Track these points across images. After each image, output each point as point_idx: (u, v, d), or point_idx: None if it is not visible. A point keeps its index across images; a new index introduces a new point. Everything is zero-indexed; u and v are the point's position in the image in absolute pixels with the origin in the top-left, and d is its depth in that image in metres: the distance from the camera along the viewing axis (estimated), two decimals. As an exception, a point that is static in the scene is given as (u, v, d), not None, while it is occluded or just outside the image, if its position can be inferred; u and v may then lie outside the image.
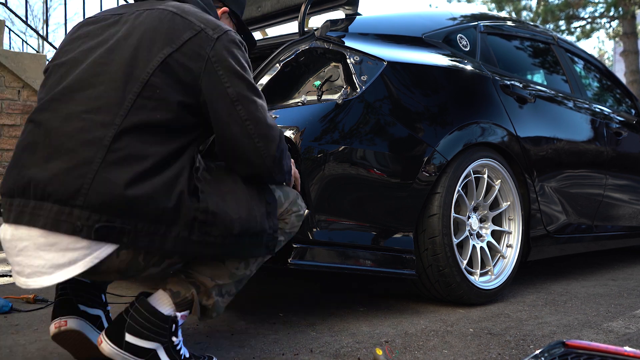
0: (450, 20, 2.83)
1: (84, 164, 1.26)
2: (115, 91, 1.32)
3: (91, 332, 1.53)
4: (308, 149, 1.92)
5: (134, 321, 1.38)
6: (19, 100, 4.86)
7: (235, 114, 1.39)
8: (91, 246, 1.26)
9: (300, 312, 2.23)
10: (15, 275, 1.34)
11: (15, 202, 1.32)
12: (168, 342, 1.41)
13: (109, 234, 1.25)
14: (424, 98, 2.31)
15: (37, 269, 1.28)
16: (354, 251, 2.05)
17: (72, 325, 1.49)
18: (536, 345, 1.82)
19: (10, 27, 8.13)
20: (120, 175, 1.26)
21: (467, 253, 2.37)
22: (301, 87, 2.18)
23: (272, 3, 2.53)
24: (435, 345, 1.82)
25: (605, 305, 2.43)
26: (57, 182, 1.26)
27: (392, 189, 2.12)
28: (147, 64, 1.34)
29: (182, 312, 1.45)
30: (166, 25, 1.39)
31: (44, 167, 1.29)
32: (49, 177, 1.27)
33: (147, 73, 1.34)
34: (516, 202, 2.56)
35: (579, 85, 3.46)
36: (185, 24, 1.40)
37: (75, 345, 1.54)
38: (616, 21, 13.95)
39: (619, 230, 3.39)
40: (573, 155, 2.97)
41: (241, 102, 1.39)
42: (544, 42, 3.45)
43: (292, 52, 2.12)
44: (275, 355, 1.71)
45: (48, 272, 1.28)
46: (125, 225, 1.26)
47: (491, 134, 2.46)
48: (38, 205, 1.28)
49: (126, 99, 1.32)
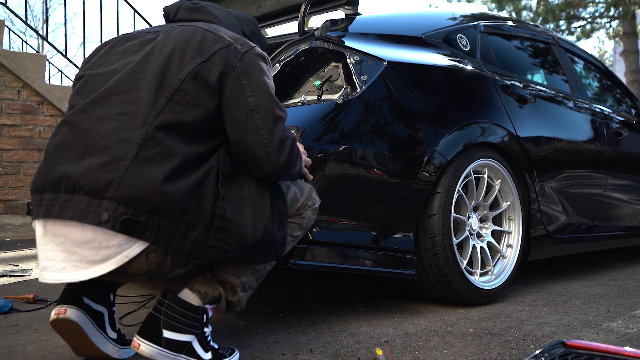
0: (450, 20, 2.82)
1: (117, 160, 1.34)
2: (148, 95, 1.41)
3: (89, 327, 1.53)
4: (308, 149, 1.92)
5: (168, 317, 1.43)
6: (18, 100, 4.85)
7: (252, 122, 1.45)
8: (121, 245, 1.32)
9: (300, 312, 2.23)
10: (43, 272, 1.38)
11: (45, 197, 1.38)
12: (201, 333, 1.48)
13: (132, 227, 1.31)
14: (424, 98, 2.31)
15: (73, 264, 1.35)
16: (354, 251, 2.05)
17: (70, 314, 1.50)
18: (536, 345, 1.82)
19: (10, 27, 8.13)
20: (152, 172, 1.33)
21: (467, 253, 2.37)
22: (301, 87, 2.18)
23: (272, 3, 2.53)
24: (435, 345, 1.82)
25: (605, 305, 2.43)
26: (90, 176, 1.33)
27: (392, 189, 2.12)
28: (178, 71, 1.44)
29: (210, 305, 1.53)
30: (198, 38, 1.49)
31: (78, 163, 1.36)
32: (82, 172, 1.34)
33: (178, 80, 1.43)
34: (516, 202, 2.56)
35: (579, 85, 3.45)
36: (216, 38, 1.50)
37: (72, 337, 1.54)
38: (616, 21, 13.95)
39: (619, 230, 3.39)
40: (573, 155, 2.97)
41: (259, 111, 1.46)
42: (544, 42, 3.44)
43: (292, 52, 2.12)
44: (275, 355, 1.71)
45: (84, 267, 1.34)
46: (150, 221, 1.32)
47: (491, 134, 2.46)
48: (69, 198, 1.34)
49: (158, 102, 1.41)
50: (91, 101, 1.44)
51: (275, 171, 1.49)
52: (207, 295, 1.51)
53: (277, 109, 1.49)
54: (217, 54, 1.46)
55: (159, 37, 1.53)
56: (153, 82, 1.42)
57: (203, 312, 1.50)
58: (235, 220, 1.42)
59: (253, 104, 1.45)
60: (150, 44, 1.52)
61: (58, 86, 5.24)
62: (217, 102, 1.45)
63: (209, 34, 1.51)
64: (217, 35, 1.51)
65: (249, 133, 1.45)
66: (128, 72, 1.46)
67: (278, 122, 1.48)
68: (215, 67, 1.44)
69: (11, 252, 3.91)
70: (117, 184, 1.31)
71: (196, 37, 1.49)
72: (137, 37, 1.58)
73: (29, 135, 4.87)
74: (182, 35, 1.51)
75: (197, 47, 1.47)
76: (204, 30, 1.52)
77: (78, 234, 1.33)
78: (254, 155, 1.47)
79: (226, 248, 1.41)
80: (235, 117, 1.46)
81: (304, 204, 1.69)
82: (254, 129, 1.45)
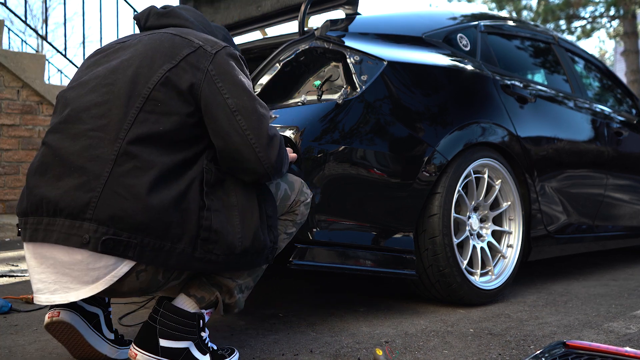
0: (451, 20, 2.82)
1: (93, 179, 1.31)
2: (118, 108, 1.38)
3: (84, 328, 1.53)
4: (308, 149, 1.92)
5: (164, 326, 1.42)
6: (18, 100, 4.85)
7: (235, 124, 1.41)
8: (109, 265, 1.32)
9: (300, 312, 2.23)
10: (36, 294, 1.38)
11: (29, 221, 1.38)
12: (198, 337, 1.48)
13: (114, 246, 1.29)
14: (424, 98, 2.30)
15: (64, 285, 1.34)
16: (354, 251, 2.04)
17: (64, 317, 1.49)
18: (537, 345, 1.81)
19: (10, 27, 8.13)
20: (128, 187, 1.30)
21: (468, 253, 2.37)
22: (301, 87, 2.17)
23: (272, 2, 2.52)
24: (435, 345, 1.81)
25: (605, 305, 2.43)
26: (68, 198, 1.31)
27: (393, 189, 2.12)
28: (147, 80, 1.40)
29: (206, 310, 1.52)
30: (166, 44, 1.46)
31: (55, 185, 1.34)
32: (60, 194, 1.32)
33: (148, 88, 1.39)
34: (517, 202, 2.56)
35: (580, 85, 3.45)
36: (184, 42, 1.47)
37: (68, 339, 1.54)
38: (617, 21, 13.95)
39: (619, 230, 3.39)
40: (574, 155, 2.97)
41: (241, 112, 1.42)
42: (544, 41, 3.44)
43: (292, 52, 2.12)
44: (275, 355, 1.70)
45: (74, 287, 1.34)
46: (132, 239, 1.30)
47: (492, 134, 2.46)
48: (51, 221, 1.33)
49: (129, 113, 1.37)
50: (63, 120, 1.41)
51: (267, 172, 1.46)
52: (203, 300, 1.49)
53: (259, 106, 1.45)
54: (186, 59, 1.42)
55: (127, 47, 1.50)
56: (122, 94, 1.38)
57: (199, 317, 1.48)
58: (223, 231, 1.39)
59: (233, 106, 1.41)
60: (118, 54, 1.49)
61: (58, 86, 5.24)
62: (193, 109, 1.41)
63: (177, 39, 1.47)
64: (185, 39, 1.47)
65: (233, 136, 1.41)
66: (96, 86, 1.43)
67: (262, 120, 1.44)
68: (185, 73, 1.41)
69: (11, 252, 3.91)
70: (95, 204, 1.29)
71: (164, 44, 1.45)
72: (107, 49, 1.56)
73: (28, 135, 4.87)
74: (150, 43, 1.47)
75: (166, 53, 1.43)
76: (172, 35, 1.48)
77: (65, 256, 1.32)
78: (243, 158, 1.43)
79: (214, 259, 1.39)
80: (217, 122, 1.41)
81: (296, 200, 1.67)
82: (239, 131, 1.41)
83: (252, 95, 1.45)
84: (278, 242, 1.58)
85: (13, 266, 3.31)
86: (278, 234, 1.56)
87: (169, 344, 1.42)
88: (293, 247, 1.89)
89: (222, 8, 2.77)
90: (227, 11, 2.75)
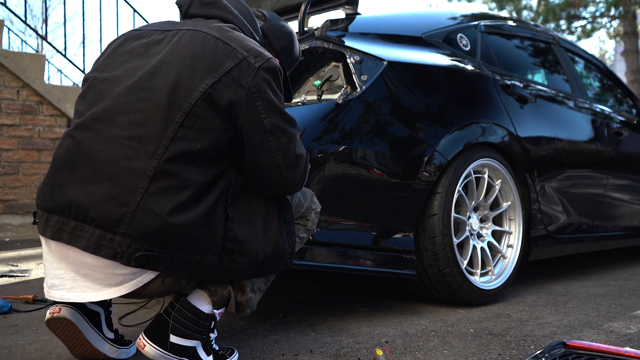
0: (451, 20, 2.82)
1: (127, 193, 1.30)
2: (157, 120, 1.35)
3: (85, 326, 1.53)
4: (308, 149, 1.92)
5: (177, 322, 1.44)
6: (18, 100, 4.85)
7: (267, 144, 1.43)
8: (135, 272, 1.34)
9: (300, 313, 2.22)
10: (51, 290, 1.39)
11: (53, 219, 1.37)
12: (206, 338, 1.49)
13: (147, 261, 1.31)
14: (424, 98, 2.30)
15: (83, 284, 1.35)
16: (354, 251, 2.04)
17: (65, 313, 1.49)
18: (537, 345, 1.81)
19: (10, 27, 8.13)
20: (163, 206, 1.30)
21: (468, 253, 2.36)
22: (301, 87, 2.17)
23: (272, 2, 2.52)
24: (435, 345, 1.81)
25: (606, 305, 2.43)
26: (100, 208, 1.31)
27: (393, 189, 2.12)
28: (189, 93, 1.36)
29: (219, 309, 1.52)
30: (209, 52, 1.40)
31: (85, 189, 1.33)
32: (91, 201, 1.31)
33: (189, 103, 1.36)
34: (517, 202, 2.56)
35: (580, 85, 3.45)
36: (227, 51, 1.41)
37: (68, 336, 1.54)
38: (617, 21, 13.94)
39: (619, 230, 3.39)
40: (574, 155, 2.97)
41: (274, 133, 1.43)
42: (544, 41, 3.44)
43: (292, 52, 2.11)
44: (275, 355, 1.70)
45: (94, 288, 1.35)
46: (163, 254, 1.32)
47: (492, 134, 2.46)
48: (79, 226, 1.33)
49: (168, 128, 1.34)
50: (97, 118, 1.38)
51: (288, 190, 1.51)
52: (216, 293, 1.50)
53: (291, 127, 1.46)
54: (229, 74, 1.38)
55: (167, 42, 1.45)
56: (162, 104, 1.35)
57: (212, 319, 1.50)
58: (246, 241, 1.42)
59: (268, 126, 1.41)
60: (157, 49, 1.44)
61: (57, 86, 5.24)
62: (229, 125, 1.40)
63: (220, 45, 1.41)
64: (229, 46, 1.41)
65: (264, 156, 1.43)
66: (135, 88, 1.39)
67: (292, 140, 1.46)
68: (227, 90, 1.38)
69: (11, 252, 3.91)
70: (129, 220, 1.29)
71: (207, 51, 1.40)
72: (144, 36, 1.50)
73: (28, 135, 4.87)
74: (192, 46, 1.41)
75: (208, 64, 1.38)
76: (215, 40, 1.42)
77: (91, 259, 1.33)
78: (269, 176, 1.46)
79: (239, 268, 1.43)
80: (250, 141, 1.42)
81: (309, 207, 1.73)
82: (270, 151, 1.43)
83: (285, 114, 1.46)
84: (296, 247, 1.60)
85: (13, 266, 3.30)
86: (295, 240, 1.58)
87: (178, 341, 1.43)
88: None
89: (222, 8, 2.77)
90: (227, 11, 2.74)
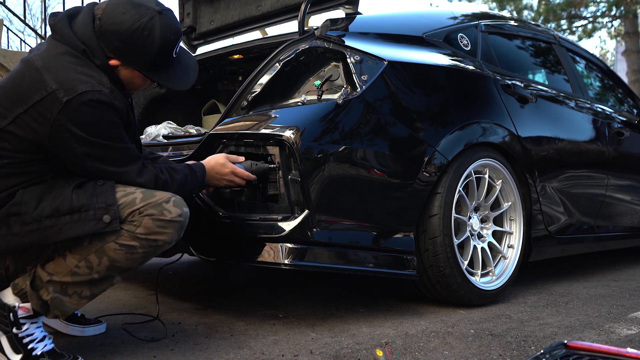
0: (451, 20, 2.81)
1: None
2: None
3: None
4: (308, 149, 1.91)
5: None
6: (19, 100, 4.84)
7: (89, 165, 1.53)
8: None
9: (300, 313, 2.22)
10: None
11: None
12: (10, 331, 1.52)
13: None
14: (425, 98, 2.30)
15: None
16: (355, 252, 2.04)
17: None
18: (537, 346, 1.81)
19: (9, 26, 8.13)
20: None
21: (468, 254, 2.36)
22: (301, 87, 2.17)
23: (272, 2, 2.52)
24: (436, 346, 1.81)
25: (607, 306, 2.42)
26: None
27: (393, 189, 2.11)
28: (4, 118, 1.49)
29: (24, 303, 1.54)
30: (26, 83, 1.49)
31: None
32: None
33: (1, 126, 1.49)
34: (517, 202, 2.55)
35: (581, 85, 3.44)
36: (40, 84, 1.47)
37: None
38: (618, 20, 13.92)
39: (620, 231, 3.38)
40: (575, 155, 2.96)
41: (91, 159, 1.52)
42: (545, 41, 3.43)
43: (292, 52, 2.11)
44: (275, 356, 1.70)
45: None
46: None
47: (492, 134, 2.45)
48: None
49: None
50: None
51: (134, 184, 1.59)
52: (17, 286, 1.55)
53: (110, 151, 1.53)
54: (36, 106, 1.46)
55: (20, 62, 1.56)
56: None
57: (9, 310, 1.52)
58: (29, 201, 1.48)
59: (81, 154, 1.50)
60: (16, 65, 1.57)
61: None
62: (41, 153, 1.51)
63: (36, 76, 1.48)
64: (43, 79, 1.47)
65: (90, 173, 1.55)
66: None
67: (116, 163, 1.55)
68: (32, 120, 1.46)
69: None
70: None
71: (24, 81, 1.49)
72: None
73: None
74: (20, 72, 1.52)
75: (22, 93, 1.48)
76: (32, 71, 1.49)
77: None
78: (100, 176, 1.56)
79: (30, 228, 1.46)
80: (71, 163, 1.54)
81: (140, 210, 1.51)
82: (93, 170, 1.54)
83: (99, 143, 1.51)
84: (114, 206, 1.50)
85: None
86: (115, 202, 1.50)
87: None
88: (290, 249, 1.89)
89: (222, 8, 2.77)
90: (227, 11, 2.75)
